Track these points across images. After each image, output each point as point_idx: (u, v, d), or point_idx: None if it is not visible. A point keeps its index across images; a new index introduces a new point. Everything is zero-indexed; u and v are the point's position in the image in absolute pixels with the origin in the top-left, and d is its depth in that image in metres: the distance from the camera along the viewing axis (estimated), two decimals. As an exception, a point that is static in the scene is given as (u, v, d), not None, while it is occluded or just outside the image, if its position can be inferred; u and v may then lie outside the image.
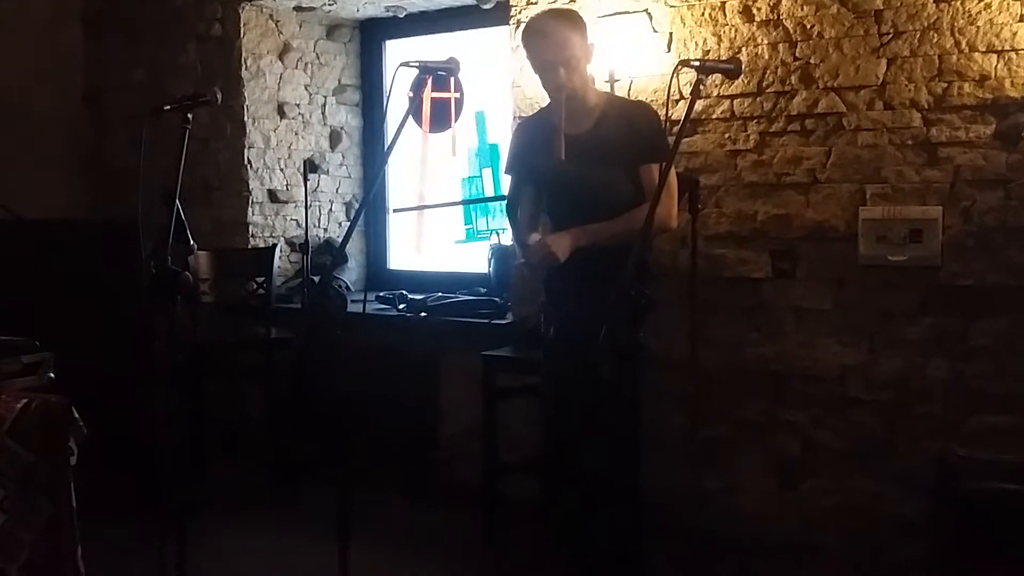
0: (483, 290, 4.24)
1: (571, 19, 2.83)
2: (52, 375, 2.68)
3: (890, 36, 3.12)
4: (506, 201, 3.06)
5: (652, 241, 2.99)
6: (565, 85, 2.76)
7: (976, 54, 3.00)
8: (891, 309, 3.18)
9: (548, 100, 2.93)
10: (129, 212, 3.00)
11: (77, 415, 2.53)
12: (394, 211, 4.94)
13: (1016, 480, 2.85)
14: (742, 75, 3.14)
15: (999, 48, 2.97)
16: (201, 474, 3.87)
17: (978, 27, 2.99)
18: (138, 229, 2.88)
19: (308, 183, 4.43)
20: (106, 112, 5.03)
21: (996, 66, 2.98)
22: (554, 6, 3.54)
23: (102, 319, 3.78)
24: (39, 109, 4.86)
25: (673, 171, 2.74)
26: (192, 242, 2.91)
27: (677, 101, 3.38)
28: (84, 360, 3.06)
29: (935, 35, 3.06)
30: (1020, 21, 2.94)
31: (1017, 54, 2.95)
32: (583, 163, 2.79)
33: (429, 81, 2.72)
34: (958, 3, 3.02)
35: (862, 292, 3.22)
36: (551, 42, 2.75)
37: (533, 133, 2.96)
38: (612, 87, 3.43)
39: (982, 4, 2.98)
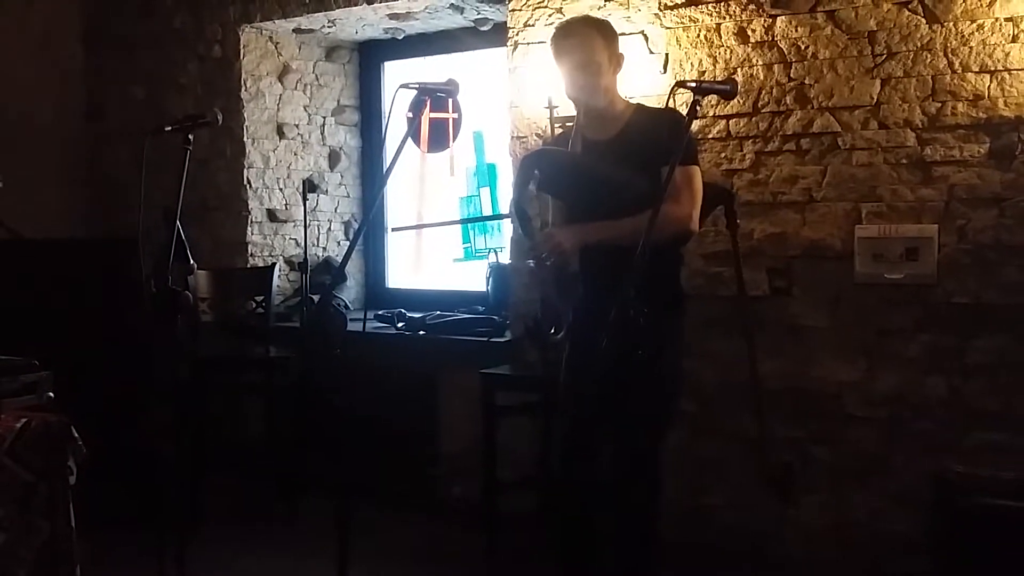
0: (481, 308, 4.26)
1: (598, 25, 2.83)
2: (51, 394, 2.68)
3: (884, 57, 3.16)
4: (512, 201, 3.00)
5: (680, 259, 2.85)
6: (587, 87, 2.75)
7: (969, 74, 3.04)
8: (888, 326, 3.19)
9: (545, 122, 2.94)
10: (129, 231, 3.01)
11: (76, 434, 2.53)
12: (392, 230, 4.96)
13: (1013, 496, 2.86)
14: (738, 96, 3.17)
15: (992, 68, 3.01)
16: (201, 491, 3.87)
17: (971, 48, 3.03)
18: (138, 248, 2.90)
19: (307, 203, 4.45)
20: (106, 129, 5.06)
21: (989, 86, 3.01)
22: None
23: (102, 338, 3.78)
24: (39, 126, 4.89)
25: (699, 174, 2.69)
26: (192, 261, 2.93)
27: (674, 121, 3.41)
28: (84, 379, 3.07)
29: (928, 56, 3.09)
30: (1012, 42, 2.97)
31: (1010, 74, 2.98)
32: (603, 163, 2.77)
33: (428, 102, 2.74)
34: (951, 24, 3.05)
35: (859, 310, 3.24)
36: (574, 44, 2.75)
37: (555, 145, 3.01)
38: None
39: (975, 25, 3.02)
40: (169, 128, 2.83)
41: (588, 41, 2.73)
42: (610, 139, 2.77)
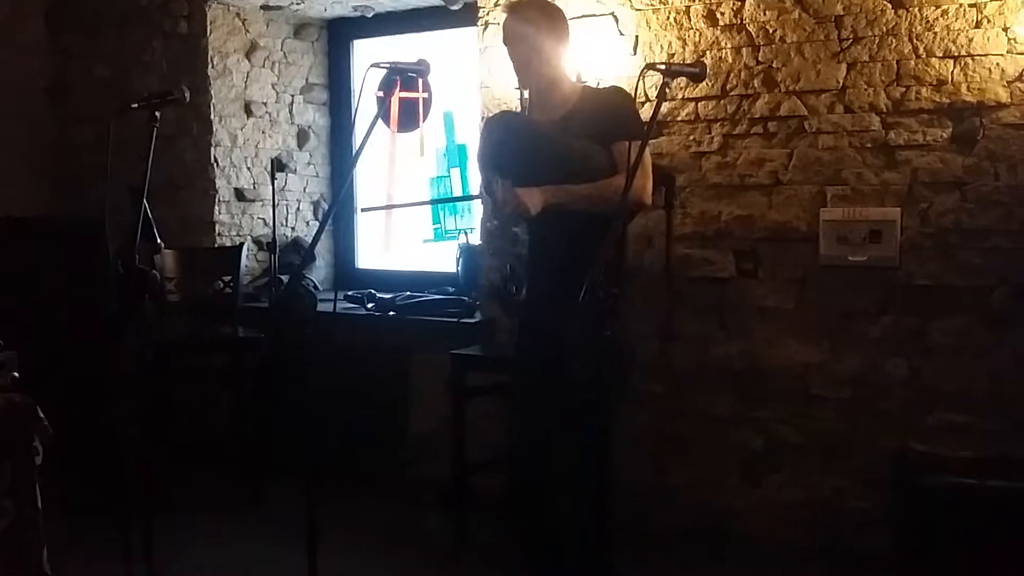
0: (451, 289, 4.25)
1: (545, 8, 2.87)
2: (16, 374, 2.66)
3: (850, 41, 3.19)
4: (478, 156, 3.05)
5: (626, 233, 2.98)
6: (525, 66, 2.81)
7: (933, 59, 3.08)
8: (851, 308, 3.24)
9: (515, 102, 2.95)
10: (94, 210, 2.97)
11: (42, 415, 2.52)
12: (362, 210, 4.94)
13: (971, 475, 2.93)
14: (706, 78, 3.18)
15: (955, 54, 3.05)
16: (168, 475, 3.85)
17: (935, 33, 3.07)
18: (104, 227, 2.87)
19: (275, 182, 4.41)
20: (70, 108, 4.98)
21: (952, 71, 3.05)
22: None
23: (68, 318, 3.75)
24: (1, 106, 4.80)
25: (648, 151, 2.76)
26: (159, 240, 2.90)
27: (643, 103, 3.42)
28: (50, 360, 3.04)
29: (893, 40, 3.13)
30: (976, 27, 3.01)
31: (973, 59, 3.02)
32: (562, 134, 2.80)
33: (399, 82, 2.74)
34: (916, 9, 3.09)
35: (823, 292, 3.29)
36: (516, 21, 2.80)
37: (506, 123, 3.02)
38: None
39: (939, 11, 3.06)
40: (135, 105, 2.79)
41: (531, 19, 2.78)
42: (555, 120, 2.81)
